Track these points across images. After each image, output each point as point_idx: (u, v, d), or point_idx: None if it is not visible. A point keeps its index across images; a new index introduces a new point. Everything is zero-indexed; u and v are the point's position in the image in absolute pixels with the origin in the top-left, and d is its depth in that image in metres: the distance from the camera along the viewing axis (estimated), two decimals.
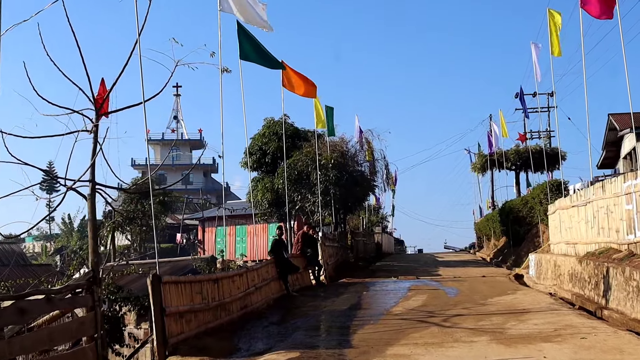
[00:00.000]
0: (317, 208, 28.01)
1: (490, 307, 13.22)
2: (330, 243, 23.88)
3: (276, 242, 17.58)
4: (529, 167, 41.36)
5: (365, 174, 30.93)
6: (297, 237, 20.40)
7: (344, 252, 29.26)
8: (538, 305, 12.91)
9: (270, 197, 29.20)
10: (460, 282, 19.64)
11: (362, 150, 30.76)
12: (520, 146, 40.25)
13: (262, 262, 16.63)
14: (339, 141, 29.69)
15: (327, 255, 22.21)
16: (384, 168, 31.23)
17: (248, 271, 14.07)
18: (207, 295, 11.36)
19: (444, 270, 26.30)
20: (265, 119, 31.98)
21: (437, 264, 31.77)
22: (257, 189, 30.55)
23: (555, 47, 19.10)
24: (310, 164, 27.81)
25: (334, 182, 27.42)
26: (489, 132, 40.19)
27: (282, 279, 17.13)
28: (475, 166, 42.50)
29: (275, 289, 16.60)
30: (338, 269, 24.72)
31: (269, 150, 30.41)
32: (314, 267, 20.32)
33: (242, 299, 13.30)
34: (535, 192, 26.56)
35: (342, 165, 28.21)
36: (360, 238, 35.80)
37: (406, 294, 16.45)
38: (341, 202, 28.67)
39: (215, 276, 11.98)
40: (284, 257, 17.33)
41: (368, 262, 33.79)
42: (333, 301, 15.49)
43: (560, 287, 16.09)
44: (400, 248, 71.57)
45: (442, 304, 13.85)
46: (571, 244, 17.38)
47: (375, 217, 48.34)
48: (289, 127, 31.68)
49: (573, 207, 17.05)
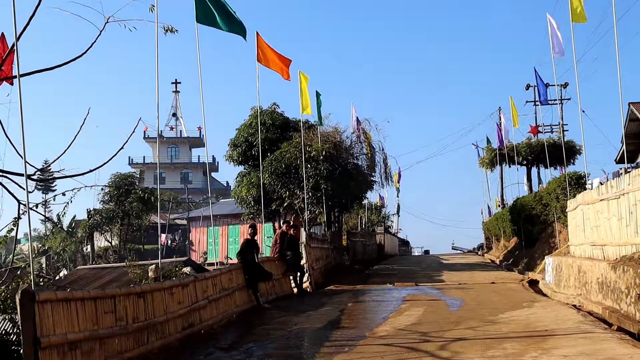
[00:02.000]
0: (308, 205, 25.18)
1: (502, 326, 10.33)
2: (317, 244, 21.04)
3: (246, 243, 14.77)
4: (541, 162, 38.33)
5: (362, 168, 28.04)
6: (275, 238, 17.57)
7: (338, 254, 26.39)
8: (564, 325, 10.01)
9: (255, 193, 26.35)
10: (465, 290, 16.74)
11: (358, 142, 27.87)
12: (532, 139, 37.22)
13: (223, 268, 13.77)
14: (332, 131, 26.81)
15: (312, 258, 19.39)
16: (383, 161, 28.33)
17: (197, 280, 11.22)
18: (126, 314, 8.53)
19: (448, 274, 23.39)
20: (252, 108, 29.16)
21: (441, 267, 28.82)
22: (242, 184, 27.75)
23: (577, 13, 16.15)
24: (299, 156, 24.98)
25: (325, 177, 24.56)
26: (498, 124, 37.17)
27: (251, 288, 14.32)
28: (483, 161, 39.45)
29: (241, 300, 13.77)
30: (328, 273, 21.88)
31: (255, 141, 27.56)
32: (296, 273, 17.49)
33: (186, 316, 10.46)
34: (551, 186, 23.59)
35: (335, 157, 25.34)
36: (358, 239, 32.91)
37: (399, 306, 13.57)
38: (334, 198, 25.79)
39: (141, 289, 9.13)
40: (254, 261, 14.51)
41: (366, 265, 30.92)
42: (309, 316, 12.64)
43: (586, 299, 13.18)
44: (406, 249, 68.44)
45: (441, 322, 10.98)
46: (598, 245, 14.43)
47: (375, 216, 45.37)
48: (278, 116, 28.89)
49: (601, 202, 14.09)
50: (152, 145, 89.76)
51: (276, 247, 17.20)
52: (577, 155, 37.05)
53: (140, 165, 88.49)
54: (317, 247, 20.72)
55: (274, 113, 28.78)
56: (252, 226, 15.25)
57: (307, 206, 25.01)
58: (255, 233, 15.04)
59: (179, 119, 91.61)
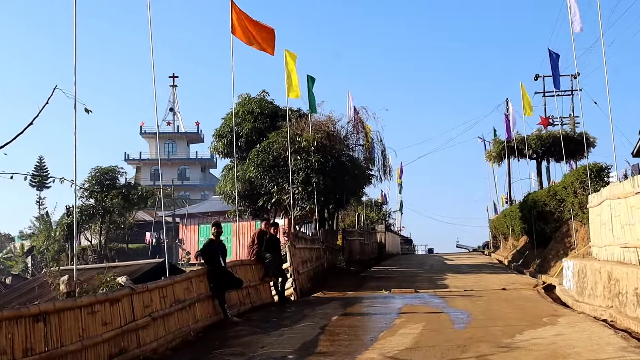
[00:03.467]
0: (297, 201, 22.88)
1: (521, 354, 7.99)
2: (305, 244, 18.70)
3: (209, 245, 12.44)
4: (552, 156, 35.87)
5: (359, 160, 25.70)
6: (252, 237, 15.23)
7: (331, 255, 24.07)
8: (603, 355, 7.66)
9: (241, 188, 24.02)
10: (472, 299, 14.38)
11: (354, 132, 25.51)
12: (542, 131, 34.73)
13: (179, 275, 11.44)
14: (325, 120, 24.47)
15: (297, 260, 17.06)
16: (381, 153, 25.97)
17: (134, 293, 8.89)
18: (12, 346, 6.24)
19: (452, 278, 21.03)
20: (240, 96, 26.84)
21: (444, 269, 26.43)
22: (227, 178, 25.44)
23: None
24: (289, 147, 22.69)
25: (316, 169, 22.22)
26: (505, 114, 34.69)
27: (218, 298, 12.01)
28: (490, 154, 36.89)
29: (203, 313, 11.46)
30: (318, 277, 19.56)
31: (242, 132, 25.26)
32: (277, 278, 15.17)
33: (116, 341, 8.15)
34: (567, 179, 21.15)
35: (328, 148, 23.00)
36: (356, 237, 30.55)
37: (393, 321, 11.23)
38: (328, 194, 23.44)
39: (39, 309, 6.80)
40: (219, 265, 12.19)
41: (364, 266, 28.58)
42: (281, 334, 10.31)
43: (620, 313, 10.83)
44: (409, 248, 65.87)
45: (444, 346, 8.64)
46: (632, 247, 12.09)
47: (375, 214, 42.96)
48: (268, 104, 26.54)
49: (636, 195, 11.76)
50: (149, 141, 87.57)
51: (253, 249, 14.88)
52: (591, 148, 34.67)
53: (137, 161, 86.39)
54: (304, 248, 18.40)
55: (263, 101, 26.43)
56: (216, 224, 12.93)
57: (296, 202, 22.73)
58: (220, 232, 12.71)
59: (176, 114, 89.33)
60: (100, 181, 33.51)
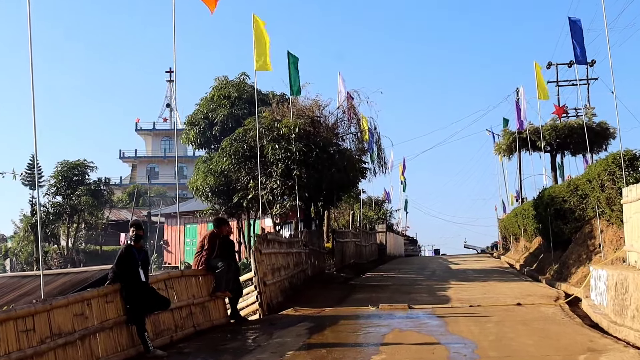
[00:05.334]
0: (277, 197, 19.78)
1: None
2: (278, 249, 15.52)
3: (126, 252, 9.29)
4: (567, 148, 32.63)
5: (350, 151, 22.52)
6: (202, 241, 12.06)
7: (317, 259, 20.94)
8: None
9: (213, 182, 20.91)
10: (480, 320, 11.18)
11: (345, 119, 22.34)
12: (557, 121, 31.46)
13: (63, 297, 8.29)
14: (311, 104, 21.34)
15: (265, 269, 13.91)
16: (375, 143, 22.73)
17: None
18: None
19: (456, 288, 17.83)
20: (217, 79, 23.75)
21: (448, 275, 23.16)
22: (199, 172, 22.32)
23: None
24: (267, 135, 19.59)
25: (298, 160, 19.10)
26: (517, 102, 31.35)
27: (135, 324, 8.90)
28: (499, 147, 33.59)
29: (110, 346, 8.35)
30: (294, 287, 16.42)
31: (217, 119, 22.15)
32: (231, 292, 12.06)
33: None
34: (593, 171, 17.89)
35: (312, 136, 19.87)
36: (350, 239, 27.34)
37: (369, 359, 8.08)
38: (312, 189, 20.27)
39: None
40: (139, 279, 9.07)
41: (359, 270, 25.44)
42: None
43: None
44: (413, 249, 62.40)
45: None
46: None
47: (373, 212, 39.68)
48: (247, 88, 23.41)
49: None
50: (145, 138, 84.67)
51: (202, 255, 11.75)
52: (610, 139, 31.45)
53: (132, 159, 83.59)
54: (277, 253, 15.23)
55: (242, 84, 23.32)
56: (135, 225, 9.77)
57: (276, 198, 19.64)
58: (140, 236, 9.56)
59: (173, 110, 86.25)
60: (67, 177, 30.41)
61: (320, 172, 19.58)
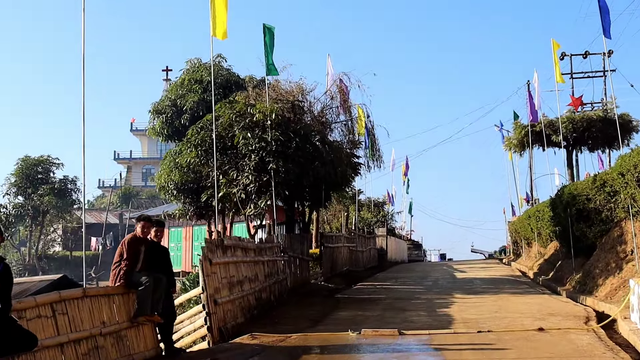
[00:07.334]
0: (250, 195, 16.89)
1: None
2: (241, 257, 12.56)
3: None
4: (584, 144, 29.67)
5: (340, 143, 19.62)
6: (120, 250, 9.09)
7: (302, 267, 18.02)
8: None
9: (178, 178, 18.03)
10: (492, 358, 8.20)
11: (332, 106, 19.41)
12: (575, 113, 28.48)
13: None
14: (293, 88, 18.44)
15: (217, 285, 10.97)
16: (368, 133, 19.78)
17: None
18: None
19: (461, 303, 14.84)
20: (189, 61, 20.88)
21: (452, 286, 20.09)
22: (165, 167, 19.45)
23: None
24: (238, 122, 16.69)
25: (274, 152, 16.19)
26: (529, 92, 28.30)
27: None
28: (510, 142, 30.55)
29: None
30: (263, 305, 13.48)
31: (186, 106, 19.28)
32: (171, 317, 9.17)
33: None
34: (627, 162, 14.92)
35: (292, 124, 16.97)
36: (342, 244, 24.35)
37: None
38: (293, 186, 17.35)
39: None
40: None
41: (352, 280, 22.50)
42: None
43: None
44: (418, 254, 59.20)
45: None
46: None
47: (371, 214, 36.65)
48: (223, 72, 20.53)
49: None
50: (140, 139, 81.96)
51: (120, 268, 8.83)
52: (632, 133, 28.54)
53: (127, 160, 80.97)
54: (237, 262, 12.28)
55: (216, 67, 20.41)
56: None
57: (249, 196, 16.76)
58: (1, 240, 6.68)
59: None
60: (28, 175, 27.47)
61: (301, 165, 16.68)
